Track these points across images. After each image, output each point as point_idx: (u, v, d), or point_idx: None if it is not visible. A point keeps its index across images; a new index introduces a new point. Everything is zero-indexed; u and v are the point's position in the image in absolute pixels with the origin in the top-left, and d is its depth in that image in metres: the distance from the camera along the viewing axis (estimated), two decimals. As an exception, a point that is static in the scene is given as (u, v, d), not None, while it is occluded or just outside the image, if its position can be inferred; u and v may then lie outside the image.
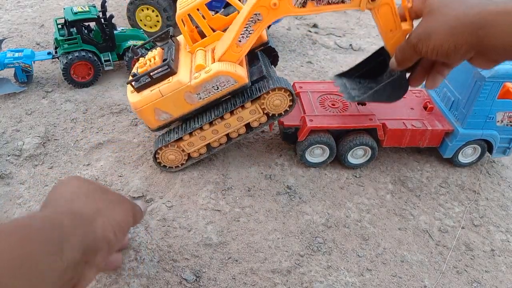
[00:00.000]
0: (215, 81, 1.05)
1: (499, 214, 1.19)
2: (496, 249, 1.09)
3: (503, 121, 1.23)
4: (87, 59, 1.56)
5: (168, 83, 1.06)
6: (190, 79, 1.06)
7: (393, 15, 1.07)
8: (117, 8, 2.23)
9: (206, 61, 1.09)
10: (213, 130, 1.14)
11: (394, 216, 1.15)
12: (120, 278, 0.95)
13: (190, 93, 1.07)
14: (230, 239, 1.05)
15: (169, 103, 1.08)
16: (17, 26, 2.01)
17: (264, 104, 1.13)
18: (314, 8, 1.03)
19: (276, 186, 1.20)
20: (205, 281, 0.95)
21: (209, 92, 1.07)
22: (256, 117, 1.15)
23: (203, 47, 1.15)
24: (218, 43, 1.13)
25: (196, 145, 1.16)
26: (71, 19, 1.52)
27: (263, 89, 1.10)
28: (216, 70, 1.04)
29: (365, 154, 1.26)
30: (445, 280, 1.00)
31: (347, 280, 0.98)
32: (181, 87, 1.05)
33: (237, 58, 1.08)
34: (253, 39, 1.06)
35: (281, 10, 1.02)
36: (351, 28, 2.24)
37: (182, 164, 1.20)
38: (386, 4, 1.05)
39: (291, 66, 1.81)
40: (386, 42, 1.14)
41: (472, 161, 1.31)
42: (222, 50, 1.07)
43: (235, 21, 1.09)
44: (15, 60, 1.53)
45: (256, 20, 1.03)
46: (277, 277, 0.97)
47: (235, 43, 1.05)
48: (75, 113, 1.46)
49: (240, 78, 1.07)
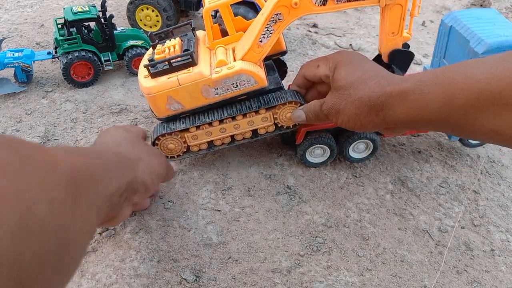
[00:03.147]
0: (236, 79, 1.05)
1: (499, 214, 1.19)
2: (496, 249, 1.09)
3: None
4: (87, 59, 1.56)
5: (188, 73, 1.04)
6: (211, 73, 1.04)
7: (400, 18, 1.08)
8: (117, 8, 2.23)
9: (227, 59, 1.08)
10: (221, 128, 1.13)
11: (394, 216, 1.15)
12: (121, 278, 0.95)
13: (209, 87, 1.05)
14: (230, 239, 1.05)
15: (185, 94, 1.06)
16: (17, 26, 2.01)
17: (277, 114, 1.13)
18: (334, 5, 1.02)
19: (276, 186, 1.20)
20: (205, 281, 0.95)
21: (227, 89, 1.06)
22: (266, 125, 1.15)
23: (224, 45, 1.15)
24: (238, 43, 1.13)
25: (199, 139, 1.15)
26: (71, 19, 1.52)
27: (280, 99, 1.10)
28: (239, 67, 1.04)
29: (367, 147, 1.26)
30: (445, 280, 1.00)
31: (347, 280, 0.98)
32: (201, 79, 1.04)
33: (258, 59, 1.07)
34: (273, 40, 1.06)
35: (301, 9, 1.02)
36: (351, 28, 2.24)
37: (178, 156, 1.17)
38: (399, 5, 1.05)
39: (291, 66, 1.81)
40: (383, 43, 1.14)
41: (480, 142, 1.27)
42: (244, 50, 1.06)
43: (255, 22, 1.09)
44: (15, 60, 1.53)
45: (277, 20, 1.03)
46: (277, 277, 0.97)
47: (256, 43, 1.05)
48: (75, 113, 1.46)
49: (261, 79, 1.07)
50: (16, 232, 0.31)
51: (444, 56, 1.29)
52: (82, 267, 0.97)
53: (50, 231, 0.36)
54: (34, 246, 0.33)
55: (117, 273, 0.96)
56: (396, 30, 1.10)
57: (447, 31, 1.23)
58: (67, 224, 0.39)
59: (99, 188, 0.50)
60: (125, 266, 0.97)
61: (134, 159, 0.67)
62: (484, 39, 1.10)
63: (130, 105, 1.50)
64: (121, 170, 0.61)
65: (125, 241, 1.02)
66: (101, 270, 0.96)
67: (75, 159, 0.48)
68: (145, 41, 1.68)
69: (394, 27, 1.09)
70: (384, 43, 1.14)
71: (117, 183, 0.57)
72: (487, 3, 2.62)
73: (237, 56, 1.09)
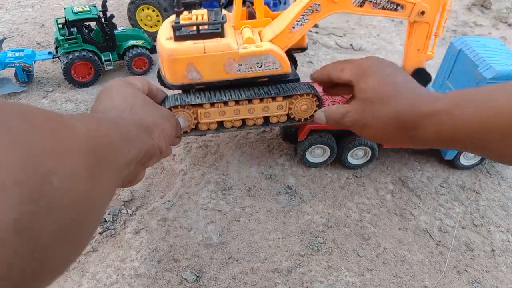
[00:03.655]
0: (263, 58, 1.04)
1: (499, 214, 1.19)
2: (496, 249, 1.08)
3: None
4: (87, 59, 1.56)
5: (216, 42, 1.01)
6: (238, 48, 1.03)
7: (427, 37, 1.11)
8: (117, 8, 2.23)
9: (255, 38, 1.08)
10: (235, 110, 1.11)
11: (395, 216, 1.15)
12: (121, 278, 0.95)
13: (233, 61, 1.03)
14: (231, 239, 1.05)
15: (207, 63, 1.03)
16: (17, 25, 2.01)
17: (293, 104, 1.12)
18: (370, 10, 1.05)
19: (276, 186, 1.20)
20: (205, 280, 0.95)
21: (251, 67, 1.04)
22: (279, 114, 1.14)
23: (250, 26, 1.14)
24: (267, 27, 1.12)
25: (211, 118, 1.11)
26: (71, 19, 1.52)
27: (299, 90, 1.09)
28: (269, 47, 1.03)
29: (365, 154, 1.26)
30: (445, 280, 1.00)
31: (348, 280, 0.98)
32: (228, 50, 1.01)
33: (286, 45, 1.06)
34: (306, 29, 1.05)
35: (340, 5, 1.03)
36: (352, 28, 2.24)
37: (185, 133, 1.13)
38: (427, 23, 1.08)
39: (291, 66, 1.81)
40: (408, 60, 1.18)
41: (474, 163, 1.31)
42: (274, 33, 1.05)
43: (289, 9, 1.08)
44: (15, 60, 1.53)
45: (314, 10, 1.03)
46: (277, 277, 0.97)
47: (288, 29, 1.04)
48: (75, 113, 1.46)
49: (286, 65, 1.06)
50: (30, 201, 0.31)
51: (449, 77, 1.31)
52: (82, 266, 0.97)
53: (68, 200, 0.35)
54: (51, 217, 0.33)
55: (118, 273, 0.96)
56: (422, 47, 1.13)
57: (456, 54, 1.27)
58: (87, 192, 0.39)
59: (118, 156, 0.51)
60: (125, 266, 0.97)
61: (150, 125, 0.68)
62: (493, 65, 1.15)
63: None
64: (138, 138, 0.62)
65: (125, 241, 1.03)
66: (102, 270, 0.96)
67: (94, 126, 0.47)
68: (145, 41, 1.68)
69: (420, 44, 1.13)
70: (409, 60, 1.17)
71: (135, 151, 0.57)
72: (487, 3, 2.62)
73: (265, 38, 1.07)
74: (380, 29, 2.24)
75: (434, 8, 1.08)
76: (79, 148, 0.41)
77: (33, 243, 0.31)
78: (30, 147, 0.34)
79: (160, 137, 0.70)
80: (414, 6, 1.06)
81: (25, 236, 0.30)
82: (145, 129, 0.67)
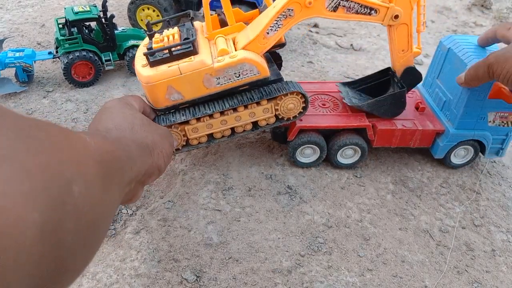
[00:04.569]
0: (239, 68, 1.03)
1: (499, 214, 1.19)
2: (496, 249, 1.08)
3: (495, 121, 1.21)
4: (88, 59, 1.56)
5: (189, 61, 1.02)
6: (213, 62, 1.03)
7: (408, 36, 1.12)
8: (118, 8, 2.23)
9: (228, 48, 1.07)
10: (222, 120, 1.11)
11: (395, 216, 1.15)
12: (121, 278, 0.95)
13: (210, 76, 1.03)
14: (231, 239, 1.05)
15: (185, 83, 1.04)
16: (18, 25, 2.01)
17: (279, 105, 1.12)
18: (343, 14, 1.05)
19: (276, 186, 1.20)
20: (205, 281, 0.95)
21: (229, 78, 1.05)
22: (267, 117, 1.14)
23: (223, 35, 1.14)
24: (241, 33, 1.11)
25: (200, 132, 1.12)
26: (72, 19, 1.52)
27: (282, 90, 1.09)
28: (242, 56, 1.02)
29: (355, 153, 1.26)
30: (445, 280, 1.00)
31: (348, 280, 0.98)
32: (203, 67, 1.02)
33: (261, 50, 1.07)
34: (280, 34, 1.05)
35: (313, 10, 1.03)
36: (352, 28, 2.24)
37: (177, 150, 1.15)
38: (404, 24, 1.09)
39: (291, 66, 1.81)
40: (395, 61, 1.18)
41: (465, 162, 1.30)
42: (248, 40, 1.05)
43: (264, 14, 1.08)
44: (16, 60, 1.53)
45: (288, 15, 1.03)
46: (277, 277, 0.97)
47: (263, 34, 1.04)
48: (76, 113, 1.46)
49: (264, 69, 1.06)
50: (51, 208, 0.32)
51: (438, 76, 1.30)
52: (82, 267, 0.97)
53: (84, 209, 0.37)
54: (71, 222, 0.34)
55: (118, 273, 0.96)
56: (406, 47, 1.14)
57: (445, 53, 1.25)
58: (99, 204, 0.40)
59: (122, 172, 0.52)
60: (125, 266, 0.97)
61: (150, 144, 0.71)
62: None
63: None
64: (140, 157, 0.64)
65: (125, 241, 1.03)
66: (102, 270, 0.96)
67: (101, 142, 0.49)
68: (146, 41, 1.68)
69: (403, 45, 1.14)
70: (396, 61, 1.18)
71: (137, 169, 0.60)
72: (488, 3, 2.62)
73: (238, 45, 1.07)
74: (380, 29, 2.24)
75: (408, 9, 1.08)
76: (93, 158, 0.43)
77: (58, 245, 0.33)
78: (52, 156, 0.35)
79: (159, 155, 0.72)
80: (387, 10, 1.06)
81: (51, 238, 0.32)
82: (145, 148, 0.69)
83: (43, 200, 0.31)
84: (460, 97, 1.18)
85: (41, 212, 0.30)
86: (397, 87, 1.23)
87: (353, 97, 1.30)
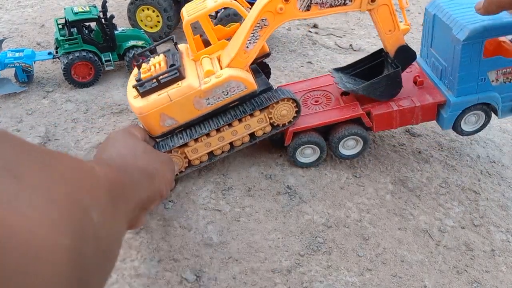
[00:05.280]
0: (226, 86, 1.06)
1: (499, 214, 1.19)
2: (496, 249, 1.09)
3: (499, 80, 1.13)
4: (87, 59, 1.56)
5: (177, 87, 1.05)
6: (200, 84, 1.06)
7: (391, 15, 1.09)
8: (117, 8, 2.23)
9: (214, 68, 1.09)
10: (219, 137, 1.14)
11: (394, 216, 1.15)
12: (121, 278, 0.95)
13: (200, 98, 1.07)
14: (231, 238, 1.05)
15: (177, 108, 1.07)
16: (17, 26, 2.01)
17: (272, 114, 1.14)
18: (318, 11, 1.05)
19: (276, 186, 1.20)
20: (205, 280, 0.95)
21: (218, 97, 1.08)
22: (262, 126, 1.16)
23: (208, 54, 1.15)
24: (224, 51, 1.14)
25: (199, 152, 1.15)
26: (71, 19, 1.52)
27: (273, 99, 1.11)
28: (228, 75, 1.05)
29: (357, 143, 1.24)
30: (445, 280, 1.00)
31: (347, 279, 0.98)
32: (191, 91, 1.05)
33: (245, 64, 1.09)
34: (259, 45, 1.07)
35: (287, 15, 1.03)
36: (351, 29, 2.24)
37: (181, 172, 1.18)
38: (384, 5, 1.07)
39: (291, 67, 1.81)
40: (386, 42, 1.16)
41: (478, 128, 1.22)
42: (230, 57, 1.07)
43: (241, 28, 1.10)
44: (15, 60, 1.53)
45: (263, 25, 1.04)
46: (277, 277, 0.97)
47: (242, 49, 1.06)
48: (75, 113, 1.46)
49: (250, 84, 1.09)
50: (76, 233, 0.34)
51: (431, 45, 1.24)
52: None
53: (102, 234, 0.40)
54: (91, 247, 0.37)
55: (118, 273, 0.96)
56: (392, 27, 1.11)
57: (431, 20, 1.19)
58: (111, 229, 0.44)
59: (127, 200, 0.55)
60: (125, 266, 0.97)
61: (153, 172, 0.73)
62: (466, 25, 1.05)
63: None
64: (143, 184, 0.66)
65: (125, 241, 1.03)
66: (102, 269, 0.96)
67: (107, 170, 0.52)
68: (145, 41, 1.68)
69: (389, 25, 1.10)
70: (386, 42, 1.15)
71: (140, 196, 0.62)
72: None
73: (223, 63, 1.10)
74: (380, 29, 2.24)
75: None
76: (104, 187, 0.45)
77: (81, 268, 0.35)
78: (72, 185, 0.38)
79: (161, 181, 0.74)
80: None
81: (77, 262, 0.34)
82: (148, 176, 0.71)
83: (70, 227, 0.33)
84: (453, 63, 1.12)
85: (70, 238, 0.33)
86: (391, 68, 1.19)
87: (347, 82, 1.26)
